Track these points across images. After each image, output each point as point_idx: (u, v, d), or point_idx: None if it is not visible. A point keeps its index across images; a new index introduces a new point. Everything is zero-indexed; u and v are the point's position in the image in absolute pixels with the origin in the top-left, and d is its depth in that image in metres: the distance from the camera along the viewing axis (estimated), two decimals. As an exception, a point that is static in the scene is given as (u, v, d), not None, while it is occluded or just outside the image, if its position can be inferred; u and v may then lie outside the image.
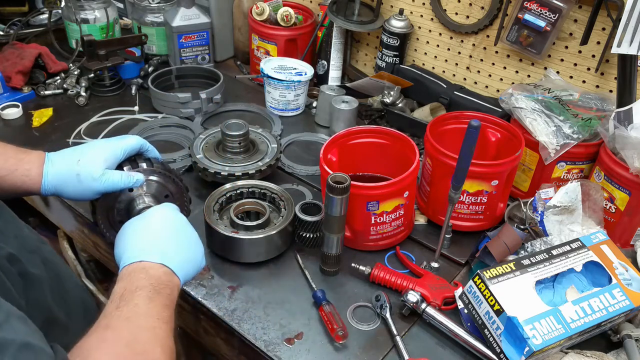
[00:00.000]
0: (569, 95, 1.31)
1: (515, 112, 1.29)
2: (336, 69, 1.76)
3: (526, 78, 1.48)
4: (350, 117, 1.52)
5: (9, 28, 1.89)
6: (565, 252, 1.04)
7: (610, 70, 1.33)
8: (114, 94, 1.72)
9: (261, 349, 1.00)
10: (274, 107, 1.66)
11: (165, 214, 0.93)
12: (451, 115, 1.32)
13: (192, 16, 1.76)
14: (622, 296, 0.99)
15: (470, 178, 1.12)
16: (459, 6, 1.52)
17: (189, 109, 1.59)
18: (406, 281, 1.11)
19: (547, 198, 1.19)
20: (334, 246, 1.11)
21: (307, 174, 1.43)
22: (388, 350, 1.01)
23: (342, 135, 1.27)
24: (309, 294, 1.11)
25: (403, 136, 1.26)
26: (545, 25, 1.34)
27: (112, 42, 1.70)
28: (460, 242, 1.24)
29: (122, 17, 2.05)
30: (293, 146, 1.55)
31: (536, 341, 0.90)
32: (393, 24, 1.59)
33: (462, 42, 1.56)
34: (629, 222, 1.18)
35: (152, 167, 1.06)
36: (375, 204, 1.12)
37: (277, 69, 1.62)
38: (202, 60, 1.84)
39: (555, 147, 1.22)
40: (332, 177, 1.03)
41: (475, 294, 0.99)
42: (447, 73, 1.64)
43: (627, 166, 1.12)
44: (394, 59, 1.64)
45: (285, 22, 1.72)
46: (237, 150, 1.35)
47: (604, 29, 1.30)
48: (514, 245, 1.13)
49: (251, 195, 1.24)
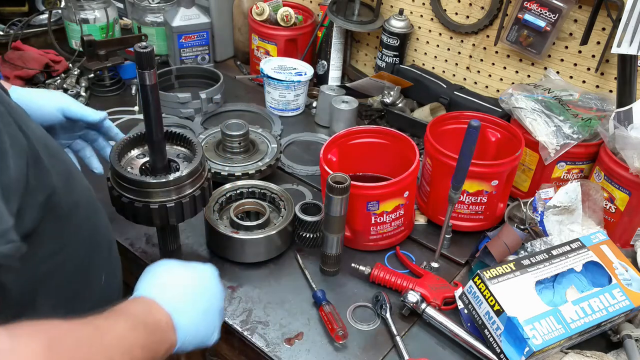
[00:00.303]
0: (569, 95, 1.31)
1: (515, 112, 1.29)
2: (336, 69, 1.76)
3: (526, 78, 1.48)
4: (350, 117, 1.52)
5: (9, 28, 1.88)
6: (565, 252, 1.04)
7: (610, 70, 1.33)
8: (114, 94, 1.73)
9: (261, 349, 1.01)
10: (274, 107, 1.66)
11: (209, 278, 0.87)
12: (451, 115, 1.32)
13: (192, 16, 1.76)
14: (622, 296, 0.99)
15: (470, 178, 1.12)
16: (459, 6, 1.52)
17: (189, 109, 1.59)
18: (406, 281, 1.11)
19: (547, 198, 1.19)
20: (334, 246, 1.11)
21: (307, 174, 1.43)
22: (388, 350, 1.01)
23: (342, 135, 1.27)
24: (309, 294, 1.11)
25: (403, 136, 1.26)
26: (545, 25, 1.34)
27: (112, 42, 1.70)
28: (460, 242, 1.24)
29: (122, 17, 2.05)
30: (293, 146, 1.55)
31: (536, 341, 0.90)
32: (393, 24, 1.59)
33: (462, 42, 1.56)
34: (629, 222, 1.18)
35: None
36: (375, 204, 1.12)
37: (277, 69, 1.62)
38: (202, 60, 1.84)
39: (555, 147, 1.22)
40: (332, 177, 1.03)
41: (475, 294, 0.99)
42: (447, 73, 1.64)
43: (627, 166, 1.12)
44: (394, 59, 1.64)
45: (285, 22, 1.73)
46: (237, 150, 1.35)
47: (604, 29, 1.30)
48: (514, 245, 1.13)
49: (251, 195, 1.24)
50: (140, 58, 0.83)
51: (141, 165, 1.01)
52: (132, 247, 1.19)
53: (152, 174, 0.97)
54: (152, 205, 0.93)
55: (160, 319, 0.75)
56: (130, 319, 0.70)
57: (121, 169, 0.94)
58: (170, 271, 0.84)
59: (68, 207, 0.77)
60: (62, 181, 0.76)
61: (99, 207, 0.91)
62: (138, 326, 0.70)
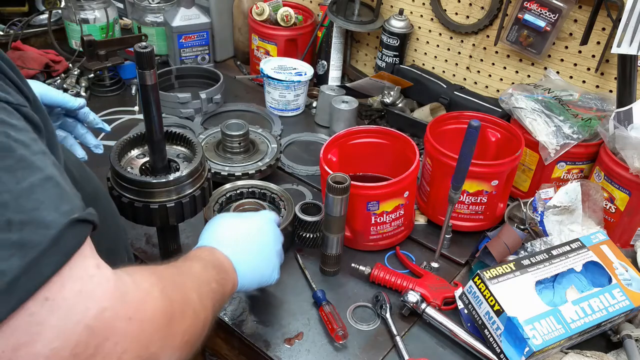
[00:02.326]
0: (569, 95, 1.31)
1: (515, 112, 1.29)
2: (336, 69, 1.76)
3: (526, 78, 1.48)
4: (350, 117, 1.52)
5: (9, 28, 1.89)
6: (565, 252, 1.04)
7: (610, 70, 1.33)
8: (114, 94, 1.73)
9: (261, 349, 1.00)
10: (274, 107, 1.66)
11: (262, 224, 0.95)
12: (451, 115, 1.32)
13: (192, 16, 1.76)
14: (622, 296, 0.99)
15: (470, 178, 1.12)
16: (459, 6, 1.52)
17: (189, 109, 1.59)
18: (406, 281, 1.11)
19: (547, 198, 1.19)
20: (334, 246, 1.11)
21: (307, 174, 1.43)
22: (388, 350, 1.01)
23: (342, 135, 1.27)
24: (309, 294, 1.11)
25: (403, 136, 1.26)
26: (545, 25, 1.34)
27: (112, 42, 1.70)
28: (460, 242, 1.24)
29: (122, 17, 2.06)
30: (293, 146, 1.55)
31: (536, 341, 0.90)
32: (393, 24, 1.59)
33: (462, 42, 1.56)
34: (628, 222, 1.18)
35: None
36: (375, 204, 1.12)
37: (277, 69, 1.62)
38: (202, 61, 1.84)
39: (555, 147, 1.22)
40: (332, 177, 1.03)
41: (475, 294, 0.99)
42: (447, 73, 1.64)
43: (627, 166, 1.12)
44: (394, 59, 1.64)
45: (285, 22, 1.73)
46: (237, 150, 1.35)
47: (604, 29, 1.30)
48: (514, 245, 1.13)
49: (251, 195, 1.24)
50: (140, 58, 0.83)
51: (141, 165, 1.00)
52: (132, 247, 1.19)
53: (152, 174, 0.97)
54: (152, 206, 0.93)
55: (222, 261, 0.85)
56: (201, 261, 0.80)
57: (121, 169, 0.94)
58: (224, 223, 0.93)
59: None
60: (78, 174, 0.83)
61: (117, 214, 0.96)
62: (208, 265, 0.80)
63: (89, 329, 0.48)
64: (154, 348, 0.56)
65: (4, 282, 0.43)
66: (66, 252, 0.48)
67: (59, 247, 0.47)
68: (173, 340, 0.60)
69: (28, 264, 0.44)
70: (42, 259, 0.45)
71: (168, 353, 0.59)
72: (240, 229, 0.93)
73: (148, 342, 0.55)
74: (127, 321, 0.52)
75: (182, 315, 0.63)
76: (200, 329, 0.69)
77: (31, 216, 0.46)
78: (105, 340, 0.49)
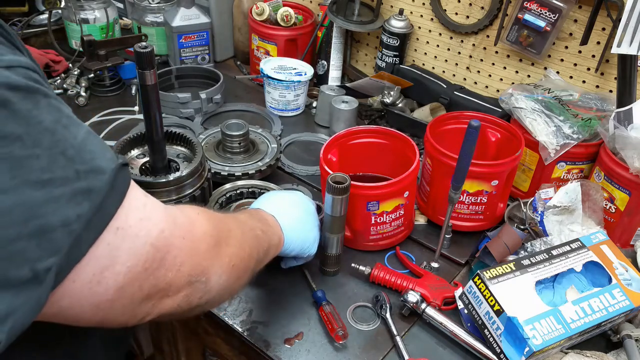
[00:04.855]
0: (569, 96, 1.31)
1: (515, 112, 1.29)
2: (336, 69, 1.76)
3: (526, 78, 1.48)
4: (350, 117, 1.52)
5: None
6: (565, 252, 1.04)
7: (610, 70, 1.33)
8: (114, 94, 1.72)
9: (261, 349, 1.00)
10: (274, 107, 1.66)
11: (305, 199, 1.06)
12: (451, 115, 1.32)
13: (192, 16, 1.76)
14: (622, 296, 0.99)
15: (470, 178, 1.12)
16: (459, 6, 1.52)
17: (189, 109, 1.59)
18: (406, 281, 1.11)
19: (547, 198, 1.19)
20: (334, 246, 1.11)
21: (307, 174, 1.43)
22: (388, 350, 1.01)
23: (342, 135, 1.27)
24: (309, 294, 1.11)
25: (403, 136, 1.26)
26: (545, 25, 1.34)
27: (112, 42, 1.70)
28: (460, 242, 1.24)
29: (122, 17, 2.05)
30: (293, 146, 1.55)
31: (536, 341, 0.90)
32: (393, 24, 1.59)
33: (462, 42, 1.56)
34: (628, 222, 1.18)
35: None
36: (375, 204, 1.12)
37: (277, 69, 1.62)
38: (202, 61, 1.84)
39: (555, 147, 1.22)
40: (332, 177, 1.03)
41: (475, 294, 0.99)
42: (447, 73, 1.64)
43: (627, 166, 1.12)
44: (394, 59, 1.64)
45: (285, 22, 1.73)
46: (237, 150, 1.35)
47: (604, 29, 1.30)
48: (514, 245, 1.13)
49: (251, 196, 1.24)
50: (140, 58, 0.83)
51: (141, 165, 1.01)
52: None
53: (152, 174, 0.97)
54: (152, 205, 0.93)
55: (267, 217, 0.93)
56: (246, 213, 0.90)
57: (121, 169, 0.94)
58: (269, 195, 1.03)
59: None
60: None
61: None
62: (254, 217, 0.89)
63: (153, 247, 0.58)
64: (205, 263, 0.66)
65: (82, 223, 0.52)
66: (122, 191, 0.56)
67: (115, 188, 0.55)
68: (221, 260, 0.70)
69: (97, 206, 0.53)
70: (106, 199, 0.54)
71: (218, 272, 0.69)
72: (286, 199, 1.01)
73: (200, 258, 0.66)
74: (181, 239, 0.62)
75: (226, 241, 0.72)
76: (246, 260, 0.77)
77: (90, 166, 0.54)
78: (167, 253, 0.60)
